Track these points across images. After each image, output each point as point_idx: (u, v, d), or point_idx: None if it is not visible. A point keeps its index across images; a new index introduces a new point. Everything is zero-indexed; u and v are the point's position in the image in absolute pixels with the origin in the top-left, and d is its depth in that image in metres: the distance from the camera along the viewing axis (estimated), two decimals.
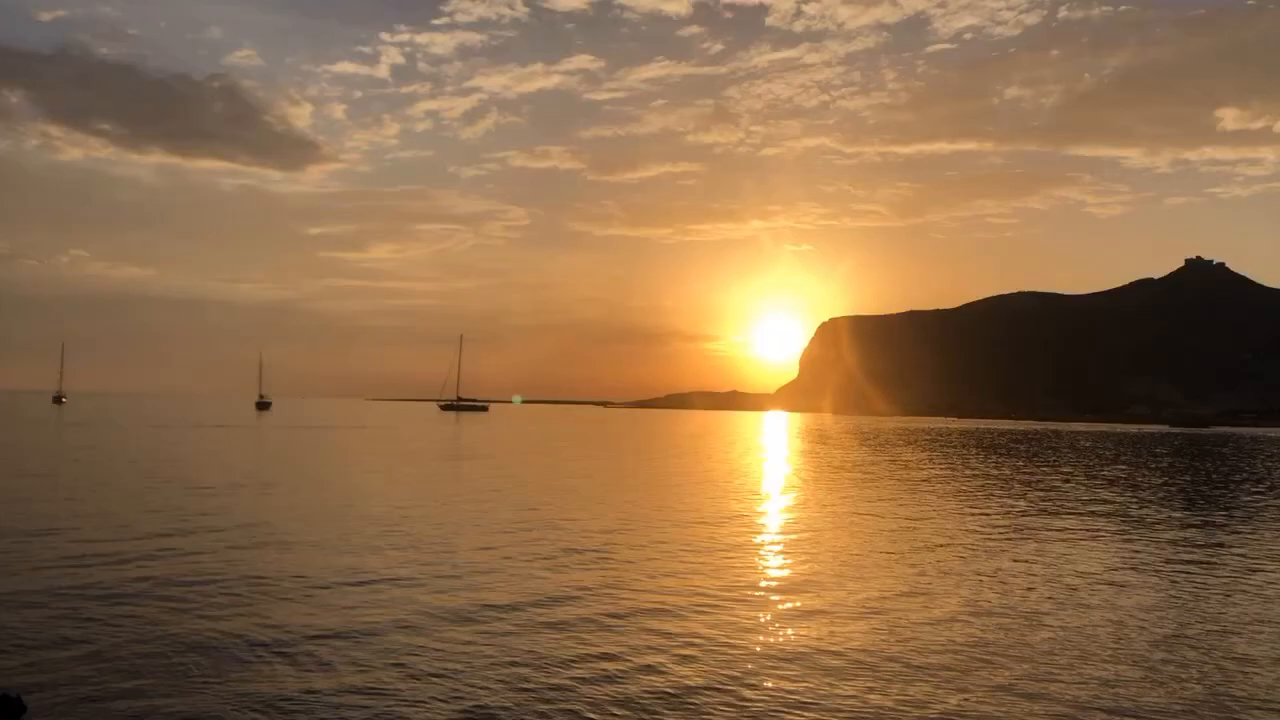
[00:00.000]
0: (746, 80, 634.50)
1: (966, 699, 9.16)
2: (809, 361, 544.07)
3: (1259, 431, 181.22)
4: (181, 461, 39.14)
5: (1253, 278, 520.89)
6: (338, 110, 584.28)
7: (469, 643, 11.02)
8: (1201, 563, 17.75)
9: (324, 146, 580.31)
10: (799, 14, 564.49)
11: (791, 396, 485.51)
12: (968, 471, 43.43)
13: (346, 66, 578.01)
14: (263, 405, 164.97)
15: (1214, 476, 44.19)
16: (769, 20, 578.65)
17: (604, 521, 22.08)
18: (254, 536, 18.46)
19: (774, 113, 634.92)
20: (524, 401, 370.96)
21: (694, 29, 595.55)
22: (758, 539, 20.24)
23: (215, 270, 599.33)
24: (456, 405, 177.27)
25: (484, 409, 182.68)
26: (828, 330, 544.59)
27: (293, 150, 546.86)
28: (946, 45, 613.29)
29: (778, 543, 19.81)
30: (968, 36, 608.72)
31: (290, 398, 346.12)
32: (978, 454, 61.84)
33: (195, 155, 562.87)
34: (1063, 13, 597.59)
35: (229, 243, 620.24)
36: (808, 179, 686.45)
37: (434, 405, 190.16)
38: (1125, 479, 40.66)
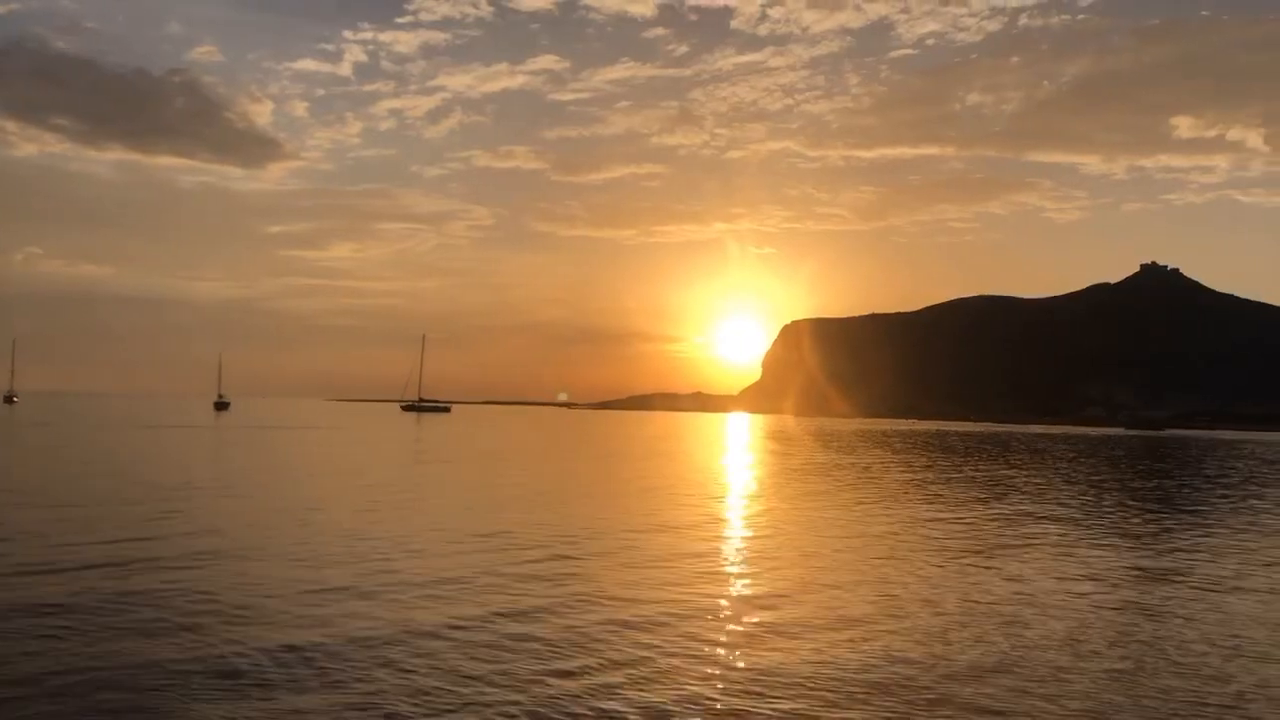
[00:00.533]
0: (711, 83, 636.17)
1: (938, 712, 9.02)
2: (771, 363, 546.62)
3: (1211, 434, 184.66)
4: (137, 463, 38.27)
5: (1205, 283, 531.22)
6: (299, 108, 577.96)
7: (431, 656, 10.68)
8: (1161, 566, 17.81)
9: (285, 144, 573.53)
10: (764, 17, 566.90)
11: (754, 398, 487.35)
12: (928, 475, 43.62)
13: (309, 64, 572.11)
14: (221, 405, 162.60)
15: (1170, 478, 44.78)
16: (734, 23, 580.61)
17: (568, 528, 21.77)
18: (207, 545, 17.89)
19: (738, 115, 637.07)
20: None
21: (659, 31, 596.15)
22: (722, 548, 20.05)
23: (174, 268, 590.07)
24: (418, 406, 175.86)
25: (446, 410, 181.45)
26: (790, 332, 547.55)
27: (254, 148, 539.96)
28: (909, 51, 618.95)
29: (741, 552, 19.64)
30: (930, 42, 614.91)
31: (249, 398, 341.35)
32: (938, 456, 62.24)
33: (155, 152, 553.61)
34: (1023, 20, 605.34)
35: (188, 241, 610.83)
36: (771, 182, 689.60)
37: (396, 406, 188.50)
38: (1084, 480, 41.03)
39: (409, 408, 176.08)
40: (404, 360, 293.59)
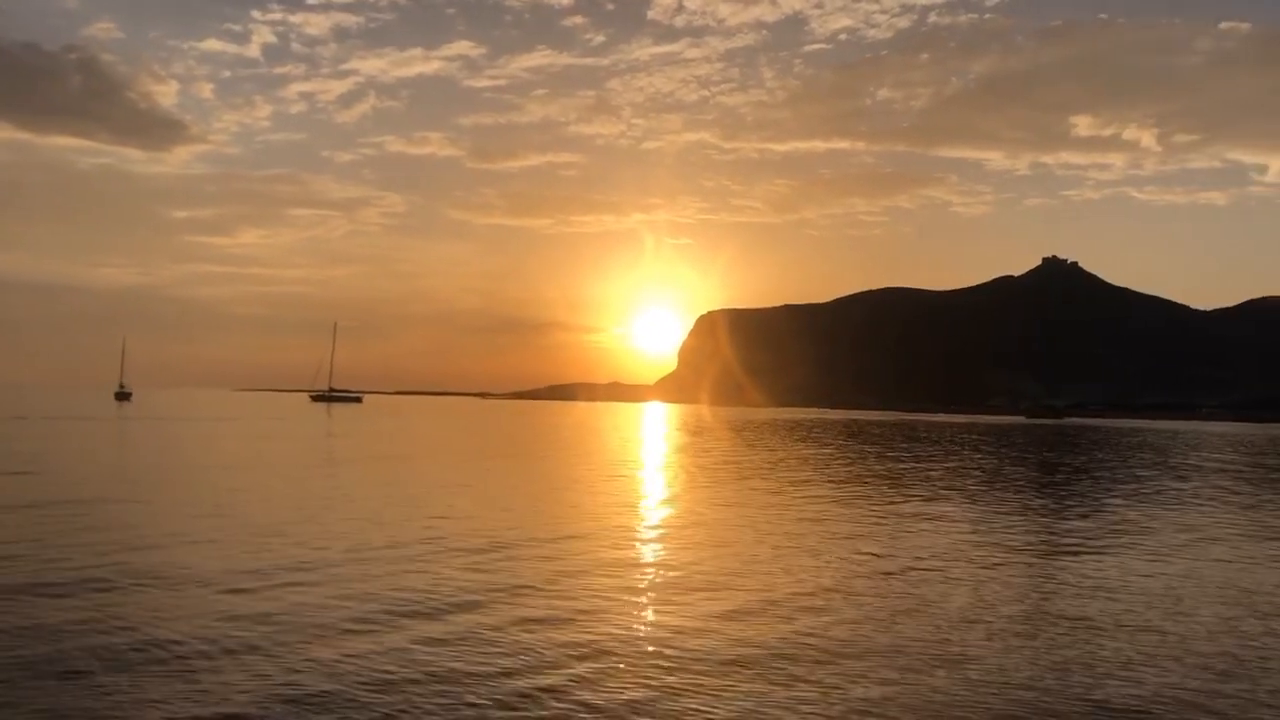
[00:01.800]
0: (628, 73, 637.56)
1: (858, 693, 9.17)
2: (688, 353, 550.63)
3: (1106, 422, 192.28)
4: (29, 457, 36.70)
5: (1103, 276, 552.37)
6: (205, 89, 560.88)
7: (351, 658, 10.25)
8: (1057, 544, 18.43)
9: (191, 126, 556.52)
10: (680, 9, 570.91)
11: (670, 388, 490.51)
12: (839, 462, 44.45)
13: (214, 44, 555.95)
14: (123, 396, 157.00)
15: (1065, 464, 46.54)
16: (650, 14, 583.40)
17: (486, 523, 21.57)
18: (109, 541, 17.14)
19: (655, 106, 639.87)
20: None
21: (576, 19, 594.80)
22: (641, 540, 20.10)
23: (72, 254, 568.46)
24: (329, 396, 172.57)
25: (357, 400, 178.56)
26: (706, 323, 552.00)
27: (157, 129, 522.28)
28: (822, 45, 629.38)
29: (660, 540, 19.72)
30: (843, 38, 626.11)
31: (153, 388, 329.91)
32: (849, 444, 63.46)
33: (49, 131, 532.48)
34: (932, 18, 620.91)
35: (87, 225, 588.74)
36: (687, 173, 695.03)
37: (305, 396, 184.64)
38: (985, 467, 42.26)
39: (319, 398, 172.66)
40: (314, 349, 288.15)
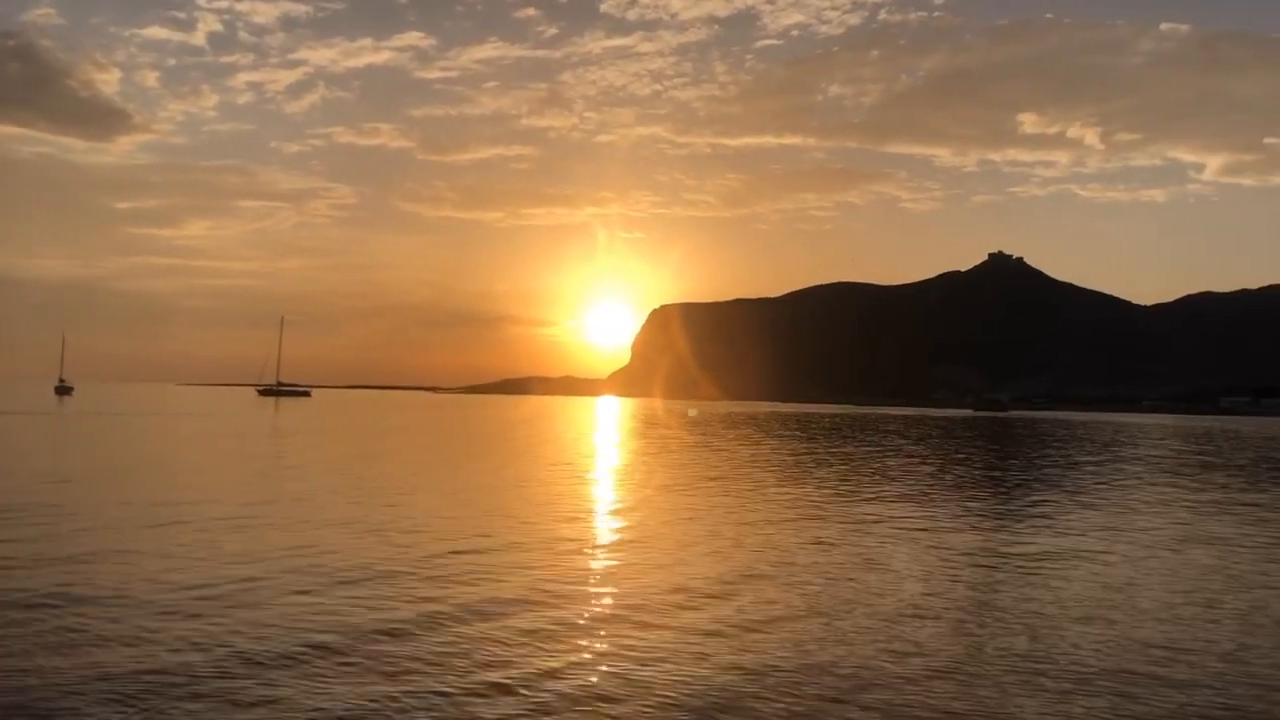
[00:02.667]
0: (581, 66, 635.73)
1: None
2: (641, 347, 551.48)
3: (1049, 415, 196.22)
4: None
5: (1047, 272, 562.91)
6: (150, 77, 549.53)
7: (294, 681, 10.35)
8: (1006, 538, 18.80)
9: (134, 116, 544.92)
10: (633, 3, 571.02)
11: (624, 382, 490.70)
12: (788, 455, 44.86)
13: (158, 31, 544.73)
14: (63, 390, 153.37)
15: (1013, 457, 47.47)
16: (603, 7, 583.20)
17: (435, 525, 21.42)
18: (47, 546, 16.79)
19: (607, 100, 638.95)
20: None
21: (529, 12, 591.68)
22: (593, 539, 20.12)
23: (10, 246, 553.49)
24: (276, 390, 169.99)
25: (306, 394, 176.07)
26: (659, 317, 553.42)
27: (99, 118, 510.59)
28: (774, 41, 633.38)
29: (612, 540, 19.76)
30: (794, 34, 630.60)
31: (95, 382, 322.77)
32: (799, 437, 64.01)
33: None
34: (882, 15, 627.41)
35: (24, 216, 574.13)
36: (640, 167, 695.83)
37: (252, 391, 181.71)
38: (929, 458, 42.92)
39: (266, 392, 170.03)
40: (261, 343, 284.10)
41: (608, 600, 13.03)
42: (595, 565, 15.77)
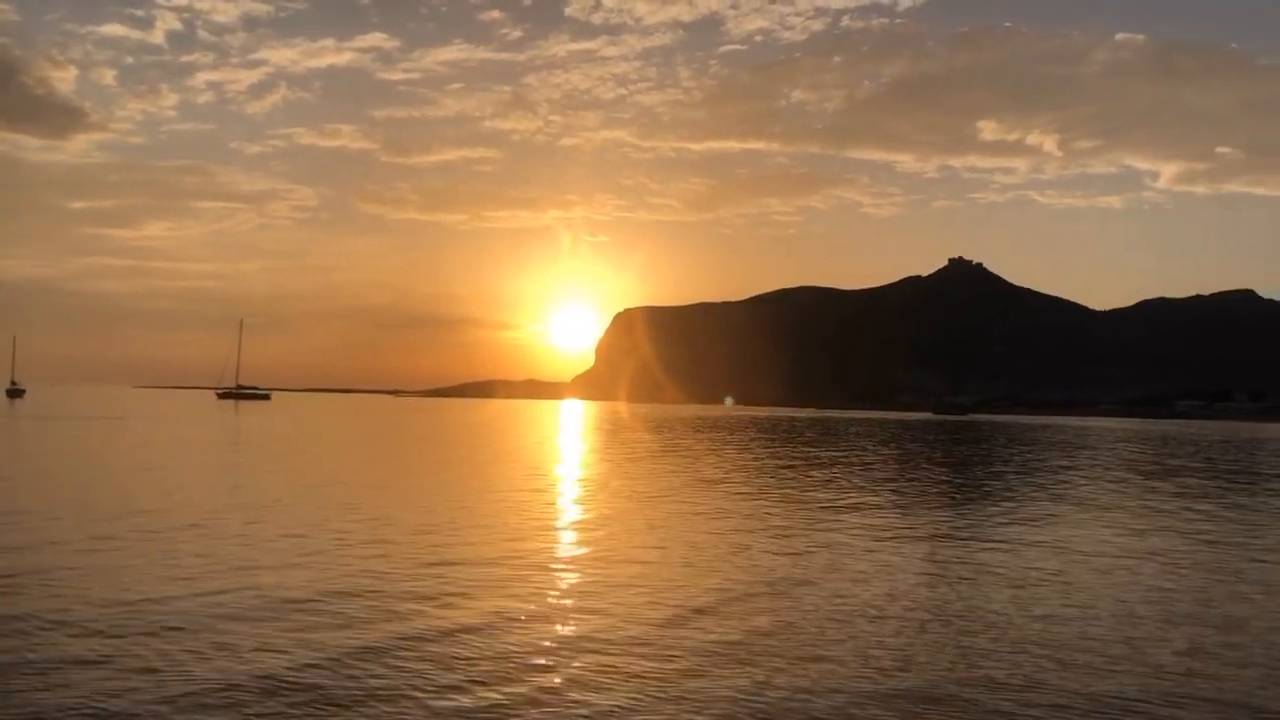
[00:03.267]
0: (545, 69, 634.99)
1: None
2: (605, 351, 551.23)
3: (1007, 418, 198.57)
4: None
5: (1006, 277, 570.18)
6: (107, 75, 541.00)
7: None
8: (965, 539, 18.86)
9: (91, 114, 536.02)
10: (598, 6, 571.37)
11: (588, 385, 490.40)
12: (750, 458, 44.94)
13: (116, 29, 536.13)
14: (14, 393, 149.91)
15: (973, 461, 47.94)
16: (568, 10, 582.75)
17: (395, 531, 21.10)
18: None
19: (572, 103, 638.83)
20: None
21: (494, 14, 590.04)
22: (556, 548, 19.92)
23: None
24: (236, 394, 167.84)
25: (266, 397, 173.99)
26: (623, 320, 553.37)
27: (54, 116, 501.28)
28: (738, 46, 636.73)
29: (571, 545, 19.58)
30: (758, 39, 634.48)
31: (49, 384, 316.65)
32: (762, 441, 64.20)
33: None
34: (845, 22, 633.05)
35: None
36: (604, 171, 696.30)
37: (211, 394, 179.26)
38: (896, 464, 43.18)
39: (226, 395, 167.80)
40: (221, 345, 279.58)
41: (580, 620, 12.84)
42: (566, 583, 15.57)
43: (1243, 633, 11.99)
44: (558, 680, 9.50)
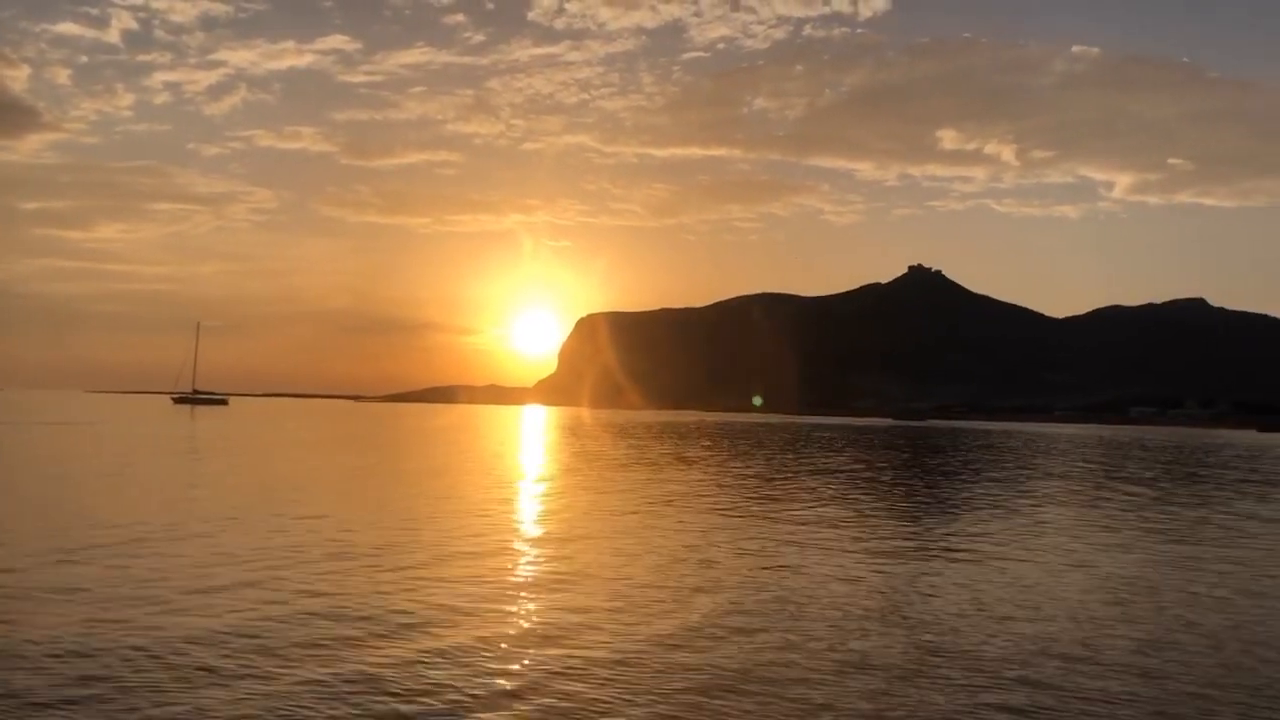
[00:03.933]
0: (508, 73, 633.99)
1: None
2: (568, 356, 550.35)
3: (968, 424, 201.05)
4: None
5: (964, 284, 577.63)
6: (61, 75, 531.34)
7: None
8: (923, 545, 19.15)
9: (44, 114, 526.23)
10: (561, 11, 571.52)
11: (550, 391, 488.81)
12: (711, 461, 45.16)
13: (70, 27, 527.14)
14: None
15: (929, 466, 48.57)
16: (531, 15, 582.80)
17: (356, 540, 20.98)
18: None
19: (535, 108, 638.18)
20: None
21: (457, 18, 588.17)
22: (518, 563, 19.92)
23: None
24: (192, 398, 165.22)
25: (223, 402, 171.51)
26: (585, 325, 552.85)
27: (6, 115, 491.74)
28: (701, 53, 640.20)
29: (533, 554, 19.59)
30: (721, 46, 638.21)
31: None
32: (724, 446, 64.45)
33: None
34: (807, 31, 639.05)
35: None
36: (567, 175, 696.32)
37: (167, 399, 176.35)
38: (858, 469, 43.63)
39: (182, 400, 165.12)
40: (177, 350, 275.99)
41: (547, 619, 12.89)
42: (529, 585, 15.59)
43: (1193, 633, 12.35)
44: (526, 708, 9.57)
